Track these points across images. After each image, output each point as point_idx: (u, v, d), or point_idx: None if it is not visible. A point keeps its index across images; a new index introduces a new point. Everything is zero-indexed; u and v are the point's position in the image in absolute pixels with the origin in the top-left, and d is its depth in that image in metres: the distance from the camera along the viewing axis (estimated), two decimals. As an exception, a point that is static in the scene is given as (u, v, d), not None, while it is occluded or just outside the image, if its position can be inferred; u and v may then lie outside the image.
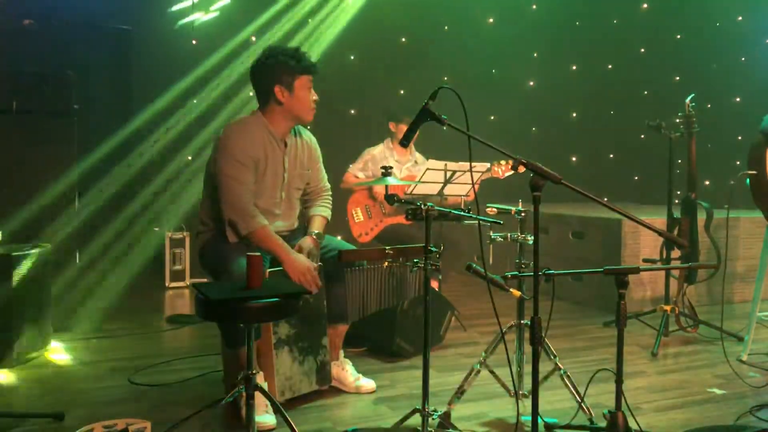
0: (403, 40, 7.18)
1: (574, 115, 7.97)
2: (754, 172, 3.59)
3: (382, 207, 4.67)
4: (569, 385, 2.77)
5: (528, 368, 2.77)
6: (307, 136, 3.30)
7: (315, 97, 3.10)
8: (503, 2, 7.39)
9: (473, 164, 2.96)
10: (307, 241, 3.06)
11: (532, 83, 7.83)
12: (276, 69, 3.02)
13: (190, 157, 6.36)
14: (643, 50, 7.62)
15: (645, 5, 7.53)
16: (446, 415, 2.75)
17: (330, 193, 3.40)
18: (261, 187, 3.05)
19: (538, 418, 2.11)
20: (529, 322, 2.40)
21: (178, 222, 5.98)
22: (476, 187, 2.85)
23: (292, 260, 2.92)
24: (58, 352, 3.85)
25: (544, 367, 2.46)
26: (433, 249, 2.47)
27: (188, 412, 2.84)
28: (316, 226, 3.19)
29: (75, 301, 4.37)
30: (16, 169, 4.12)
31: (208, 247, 3.08)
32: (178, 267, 5.95)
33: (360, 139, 5.12)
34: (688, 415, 2.98)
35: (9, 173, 4.09)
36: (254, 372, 2.37)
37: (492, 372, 2.84)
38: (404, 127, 2.79)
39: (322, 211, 3.29)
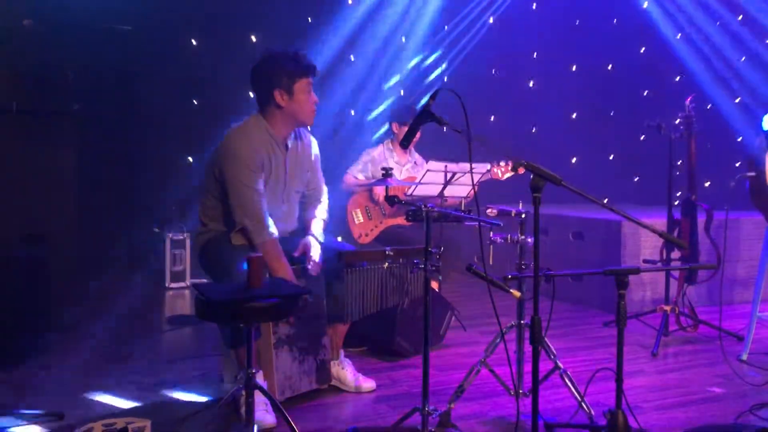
0: (403, 40, 7.18)
1: (574, 115, 7.96)
2: (753, 174, 3.59)
3: (382, 208, 4.67)
4: (569, 384, 2.77)
5: (528, 368, 2.78)
6: (308, 137, 3.30)
7: (315, 99, 3.09)
8: (503, 2, 7.39)
9: (473, 165, 2.96)
10: (308, 243, 3.06)
11: (532, 83, 7.83)
12: (275, 72, 3.02)
13: (190, 158, 6.36)
14: (643, 50, 7.62)
15: (645, 5, 7.53)
16: (446, 415, 2.75)
17: (327, 195, 3.40)
18: (264, 191, 3.05)
19: (538, 417, 2.12)
20: (529, 322, 2.40)
21: (178, 223, 5.98)
22: (476, 188, 2.85)
23: (289, 278, 2.92)
24: (58, 353, 3.85)
25: (544, 366, 2.46)
26: (433, 250, 2.47)
27: (188, 412, 2.85)
28: (316, 228, 3.19)
29: (75, 301, 4.36)
30: (16, 169, 4.11)
31: (209, 248, 3.09)
32: (178, 268, 5.95)
33: (360, 140, 5.11)
34: (688, 414, 2.98)
35: (8, 173, 4.09)
36: (254, 371, 2.37)
37: (492, 371, 2.84)
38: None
39: (321, 213, 3.30)
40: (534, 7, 7.70)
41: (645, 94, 7.56)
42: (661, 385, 3.40)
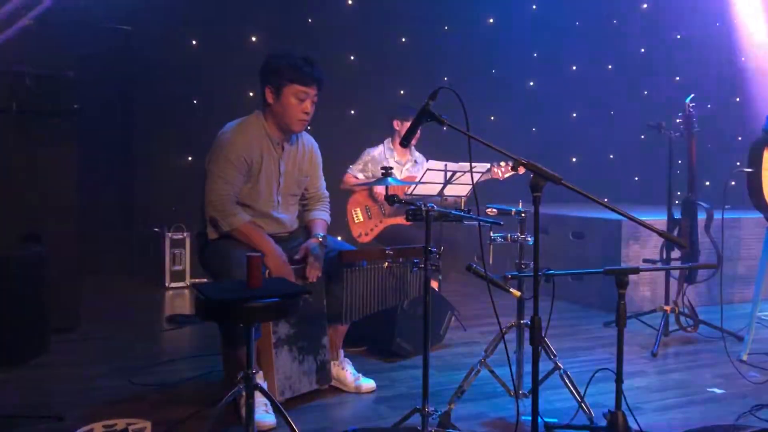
0: (403, 40, 7.18)
1: (574, 115, 7.96)
2: (750, 169, 3.60)
3: (382, 207, 4.68)
4: (569, 384, 2.77)
5: (528, 368, 2.78)
6: (309, 141, 3.29)
7: (306, 108, 3.04)
8: (503, 2, 7.39)
9: (473, 165, 2.96)
10: (312, 244, 3.06)
11: (532, 83, 7.83)
12: (270, 69, 3.03)
13: (190, 158, 6.36)
14: (643, 50, 7.62)
15: (645, 5, 7.53)
16: (446, 415, 2.75)
17: (328, 199, 3.40)
18: (256, 190, 3.05)
19: (538, 417, 2.11)
20: (529, 322, 2.40)
21: (178, 222, 5.98)
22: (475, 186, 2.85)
23: (273, 251, 2.93)
24: (58, 353, 3.84)
25: (544, 366, 2.46)
26: (433, 249, 2.47)
27: (188, 412, 2.85)
28: (320, 229, 3.19)
29: (75, 301, 4.36)
30: (16, 169, 4.11)
31: (209, 247, 3.08)
32: (178, 267, 5.95)
33: (360, 140, 5.11)
34: (688, 415, 2.98)
35: (8, 173, 4.09)
36: (254, 371, 2.37)
37: (492, 372, 2.84)
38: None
39: (323, 215, 3.29)
40: (534, 7, 7.69)
41: (645, 93, 7.56)
42: (661, 386, 3.39)
